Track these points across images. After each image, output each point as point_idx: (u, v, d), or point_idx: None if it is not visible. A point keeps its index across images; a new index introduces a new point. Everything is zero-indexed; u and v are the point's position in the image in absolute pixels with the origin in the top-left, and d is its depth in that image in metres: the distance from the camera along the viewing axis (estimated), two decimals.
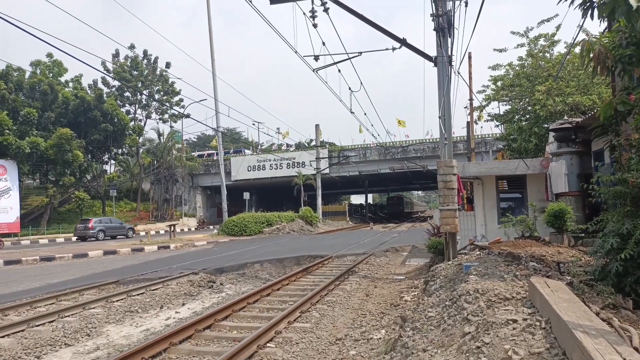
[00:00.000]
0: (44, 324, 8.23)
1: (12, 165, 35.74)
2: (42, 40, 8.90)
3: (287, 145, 58.22)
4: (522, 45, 18.85)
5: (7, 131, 34.86)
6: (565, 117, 13.22)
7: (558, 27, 18.32)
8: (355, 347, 6.77)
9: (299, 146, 62.37)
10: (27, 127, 37.26)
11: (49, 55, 45.35)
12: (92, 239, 30.63)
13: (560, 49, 18.75)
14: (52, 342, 7.30)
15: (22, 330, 7.79)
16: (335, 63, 13.55)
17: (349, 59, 13.37)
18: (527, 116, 18.93)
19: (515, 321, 4.08)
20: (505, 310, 4.53)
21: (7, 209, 34.86)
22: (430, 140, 45.10)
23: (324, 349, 6.73)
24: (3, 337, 7.39)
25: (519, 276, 5.86)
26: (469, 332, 4.29)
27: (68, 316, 8.72)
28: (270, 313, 8.81)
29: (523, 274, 5.95)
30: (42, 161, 39.21)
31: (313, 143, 48.79)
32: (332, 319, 8.42)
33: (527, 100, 18.44)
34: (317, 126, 44.65)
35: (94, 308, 9.41)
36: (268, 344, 6.82)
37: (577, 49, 13.39)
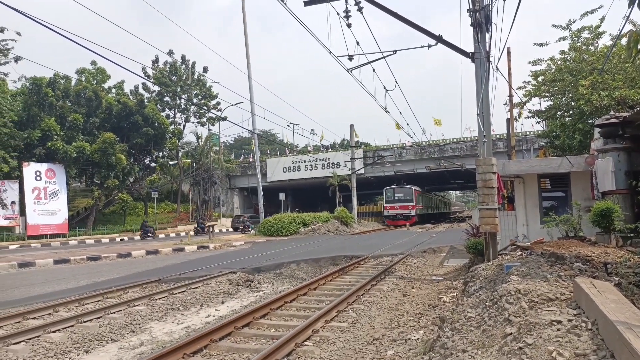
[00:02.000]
0: (92, 320, 8.56)
1: (60, 169, 37.39)
2: (88, 49, 9.26)
3: (323, 146, 58.37)
4: (564, 38, 18.20)
5: (55, 137, 36.50)
6: (612, 112, 12.67)
7: (602, 19, 17.59)
8: (392, 347, 6.72)
9: (334, 147, 62.42)
10: (73, 133, 38.87)
11: (93, 62, 47.15)
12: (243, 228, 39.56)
13: (605, 41, 18.00)
14: (99, 337, 7.58)
15: (72, 326, 8.13)
16: (369, 62, 13.50)
17: (384, 57, 13.29)
18: (571, 112, 18.26)
19: (559, 322, 3.96)
20: (548, 311, 4.40)
21: (55, 210, 36.47)
22: (468, 138, 44.20)
23: (361, 349, 6.71)
24: (54, 331, 7.73)
25: (563, 277, 5.68)
26: (511, 333, 4.19)
27: (114, 313, 9.04)
28: (307, 312, 8.85)
29: (567, 274, 5.76)
30: (88, 165, 40.79)
31: (348, 143, 48.74)
32: (369, 318, 8.39)
33: (570, 95, 17.79)
34: (351, 126, 44.58)
35: (137, 305, 9.72)
36: (305, 342, 6.87)
37: (624, 41, 12.81)
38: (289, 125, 65.63)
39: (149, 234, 34.63)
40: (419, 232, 31.54)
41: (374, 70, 15.00)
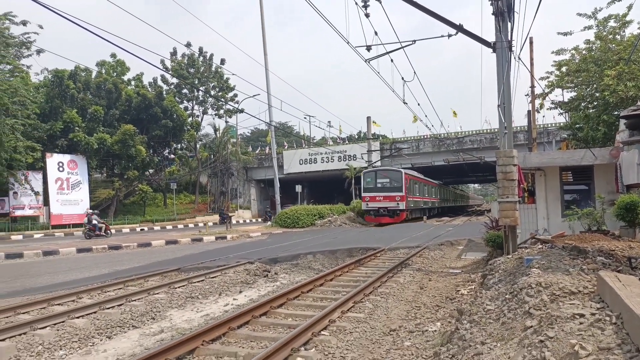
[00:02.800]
0: (114, 307, 8.73)
1: (82, 160, 38.07)
2: (108, 41, 9.35)
3: (339, 138, 58.22)
4: (589, 27, 17.75)
5: (77, 128, 37.14)
6: (638, 103, 12.34)
7: (630, 7, 17.08)
8: (409, 339, 6.70)
9: (350, 139, 62.19)
10: (94, 124, 39.48)
11: (113, 55, 47.68)
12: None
13: (632, 30, 17.57)
14: (121, 324, 7.74)
15: (95, 312, 8.31)
16: (387, 53, 13.37)
17: (402, 47, 13.13)
18: (595, 103, 17.84)
19: (582, 315, 3.89)
20: (570, 304, 4.33)
21: (78, 201, 37.20)
22: (488, 130, 43.57)
23: (377, 339, 6.72)
24: (78, 317, 7.91)
25: (585, 270, 5.58)
26: (531, 326, 4.14)
27: (135, 300, 9.20)
28: (324, 302, 8.88)
29: (590, 268, 5.66)
30: (109, 156, 41.44)
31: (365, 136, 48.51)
32: (386, 310, 8.38)
33: (594, 86, 17.37)
34: (368, 118, 44.33)
35: (157, 293, 9.87)
36: (322, 332, 6.89)
37: None
38: (305, 118, 65.57)
39: (225, 220, 34.49)
40: (436, 225, 31.32)
41: (392, 60, 14.87)
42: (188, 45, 41.53)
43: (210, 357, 6.09)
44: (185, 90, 51.54)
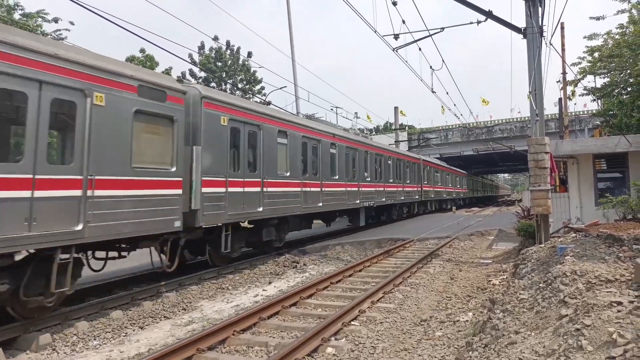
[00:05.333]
0: (146, 298, 8.94)
1: None
2: (139, 36, 9.53)
3: (366, 129, 57.95)
4: (623, 11, 17.07)
5: None
6: None
7: None
8: (441, 329, 6.65)
9: (377, 130, 61.78)
10: None
11: (142, 50, 48.50)
12: None
13: None
14: (153, 315, 7.92)
15: (127, 303, 8.53)
16: (415, 41, 13.17)
17: (430, 35, 12.93)
18: (629, 89, 17.21)
19: (620, 303, 3.79)
20: (607, 292, 4.22)
21: None
22: (518, 119, 42.59)
23: (408, 329, 6.69)
24: (111, 308, 8.13)
25: (622, 258, 5.42)
26: (567, 315, 4.05)
27: (166, 292, 9.40)
28: (353, 293, 8.89)
29: (627, 255, 5.49)
30: None
31: (393, 126, 48.12)
32: (416, 300, 8.33)
33: (628, 71, 16.74)
34: (396, 108, 43.96)
35: (189, 285, 10.06)
36: (352, 322, 6.91)
37: None
38: (332, 109, 65.44)
39: None
40: (466, 215, 30.87)
41: (420, 49, 14.65)
42: (215, 38, 42.01)
43: (241, 346, 6.18)
44: (213, 84, 52.09)
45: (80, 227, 6.98)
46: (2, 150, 6.96)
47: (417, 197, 29.18)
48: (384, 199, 22.33)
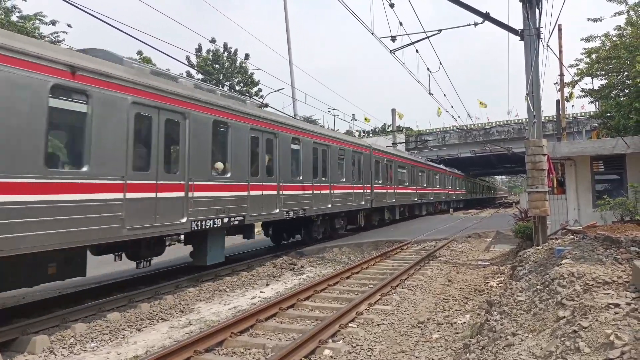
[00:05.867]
0: (143, 300, 8.91)
1: None
2: (136, 39, 9.52)
3: (363, 131, 57.97)
4: (620, 13, 17.12)
5: None
6: None
7: None
8: (438, 331, 6.65)
9: (375, 132, 61.83)
10: None
11: (139, 52, 48.47)
12: None
13: None
14: (150, 317, 7.90)
15: (124, 305, 8.50)
16: (413, 43, 13.19)
17: (428, 37, 12.94)
18: (627, 91, 17.23)
19: (617, 305, 3.79)
20: (604, 294, 4.22)
21: None
22: (515, 121, 42.65)
23: (406, 331, 6.68)
24: (108, 310, 8.10)
25: (619, 260, 5.42)
26: (564, 317, 4.05)
27: (164, 294, 9.37)
28: (351, 295, 8.88)
29: (624, 257, 5.49)
30: None
31: (390, 128, 48.16)
32: (414, 302, 8.32)
33: (626, 73, 16.78)
34: (393, 110, 44.03)
35: (186, 287, 10.03)
36: (350, 324, 6.90)
37: None
38: (329, 111, 65.46)
39: None
40: (463, 217, 30.88)
41: (417, 51, 14.66)
42: (213, 41, 42.09)
43: (238, 348, 6.16)
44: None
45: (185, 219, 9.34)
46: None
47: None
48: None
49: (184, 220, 9.34)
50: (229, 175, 10.89)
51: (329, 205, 16.33)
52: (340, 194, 17.42)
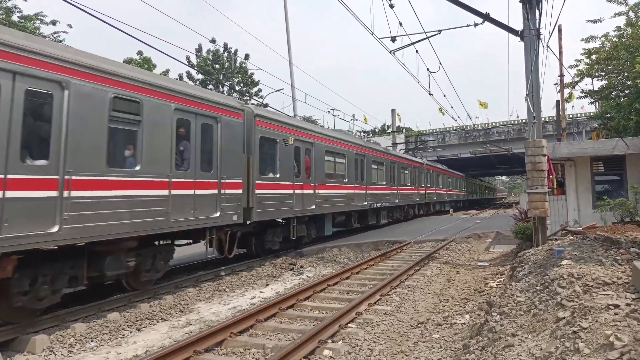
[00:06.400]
0: (143, 300, 8.91)
1: None
2: (137, 39, 9.55)
3: (363, 131, 57.98)
4: (620, 14, 17.13)
5: None
6: None
7: None
8: (438, 331, 6.65)
9: (375, 132, 61.83)
10: None
11: (139, 52, 48.42)
12: None
13: None
14: (150, 317, 7.90)
15: (124, 305, 8.50)
16: (413, 43, 13.20)
17: (428, 38, 12.94)
18: (627, 91, 17.24)
19: (617, 306, 3.79)
20: (604, 295, 4.22)
21: None
22: (515, 121, 42.68)
23: (405, 332, 6.68)
24: (108, 310, 8.10)
25: (619, 261, 5.42)
26: (564, 317, 4.05)
27: (163, 294, 9.37)
28: (350, 295, 8.88)
29: (624, 258, 5.49)
30: None
31: (389, 129, 48.16)
32: (413, 303, 8.32)
33: (626, 74, 16.79)
34: (393, 111, 44.04)
35: (186, 287, 10.03)
36: (349, 325, 6.90)
37: None
38: (329, 111, 65.47)
39: None
40: (463, 217, 30.88)
41: (417, 51, 14.68)
42: (213, 41, 42.14)
43: (238, 348, 6.16)
44: (210, 86, 52.04)
45: (218, 214, 10.27)
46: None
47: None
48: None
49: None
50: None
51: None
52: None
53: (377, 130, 62.86)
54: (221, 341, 6.30)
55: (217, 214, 10.24)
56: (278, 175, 12.93)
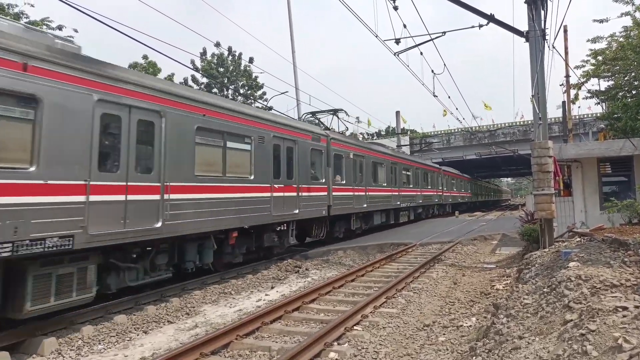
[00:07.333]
0: (149, 302, 8.93)
1: None
2: (143, 44, 9.61)
3: (367, 133, 57.94)
4: (626, 13, 17.04)
5: None
6: None
7: None
8: (444, 334, 6.62)
9: (379, 134, 61.78)
10: None
11: (145, 57, 48.68)
12: None
13: None
14: (156, 319, 7.92)
15: (131, 308, 8.53)
16: (417, 45, 13.19)
17: (432, 39, 12.94)
18: (634, 92, 17.14)
19: (625, 308, 3.76)
20: (612, 297, 4.19)
21: None
22: (521, 122, 42.50)
23: (411, 334, 6.66)
24: (115, 313, 8.13)
25: (627, 262, 5.38)
26: (571, 320, 4.02)
27: (170, 296, 9.40)
28: (356, 298, 8.87)
29: (633, 260, 5.45)
30: None
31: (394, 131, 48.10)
32: (419, 305, 8.30)
33: (633, 74, 16.70)
34: (397, 113, 43.98)
35: (192, 289, 10.05)
36: (355, 327, 6.89)
37: None
38: (333, 113, 65.42)
39: None
40: (469, 220, 30.77)
41: (421, 53, 14.66)
42: (217, 44, 42.29)
43: (244, 351, 6.17)
44: (215, 90, 52.19)
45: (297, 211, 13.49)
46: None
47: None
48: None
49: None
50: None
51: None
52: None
53: (382, 132, 62.82)
54: (227, 343, 6.31)
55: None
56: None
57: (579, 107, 41.60)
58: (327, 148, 15.56)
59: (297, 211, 13.33)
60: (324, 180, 15.21)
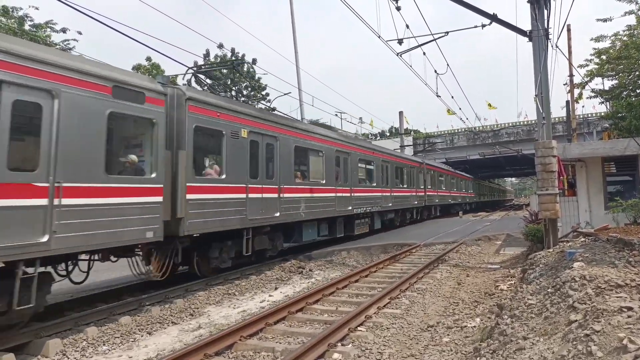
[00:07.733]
0: (153, 304, 8.95)
1: None
2: (147, 46, 9.64)
3: (370, 134, 57.91)
4: (630, 12, 16.97)
5: None
6: None
7: None
8: (448, 335, 6.60)
9: (382, 135, 61.72)
10: None
11: (148, 58, 48.81)
12: None
13: None
14: (160, 320, 7.93)
15: (135, 309, 8.55)
16: (420, 45, 13.18)
17: (435, 40, 12.92)
18: (638, 91, 17.08)
19: (630, 309, 3.74)
20: (617, 297, 4.17)
21: None
22: (525, 122, 42.39)
23: (415, 335, 6.65)
24: (120, 314, 8.16)
25: (632, 262, 5.36)
26: (576, 320, 4.00)
27: (174, 297, 9.42)
28: (360, 298, 8.87)
29: (637, 260, 5.43)
30: None
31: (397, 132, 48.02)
32: (423, 306, 8.28)
33: (637, 73, 16.63)
34: (400, 113, 43.88)
35: (196, 290, 10.07)
36: (359, 328, 6.88)
37: None
38: (336, 114, 65.52)
39: None
40: (473, 220, 30.70)
41: (424, 53, 14.66)
42: (220, 46, 42.40)
43: (248, 352, 6.17)
44: (222, 94, 52.34)
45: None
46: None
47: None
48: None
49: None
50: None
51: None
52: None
53: (386, 133, 62.72)
54: (231, 344, 6.32)
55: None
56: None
57: (583, 106, 41.48)
58: (171, 115, 9.03)
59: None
60: (154, 175, 8.46)
